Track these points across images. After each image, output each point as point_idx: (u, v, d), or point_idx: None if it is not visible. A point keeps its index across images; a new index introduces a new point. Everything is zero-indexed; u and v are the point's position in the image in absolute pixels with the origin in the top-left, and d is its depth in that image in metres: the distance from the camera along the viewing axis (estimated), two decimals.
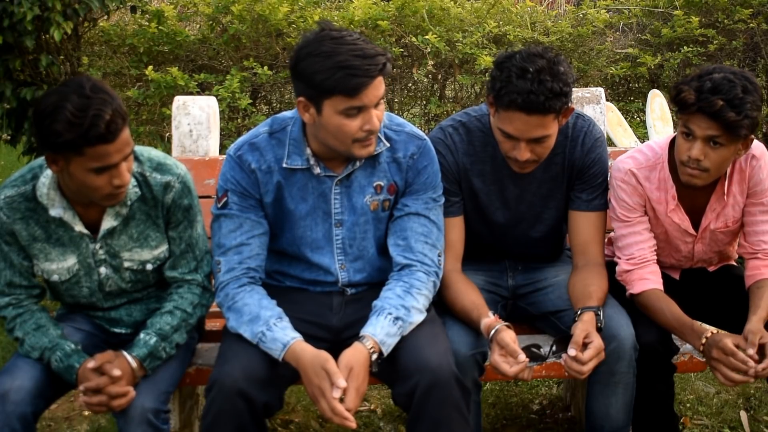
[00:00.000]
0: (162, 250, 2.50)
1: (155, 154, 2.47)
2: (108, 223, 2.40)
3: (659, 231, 2.71)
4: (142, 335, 2.42)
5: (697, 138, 2.43)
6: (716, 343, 2.43)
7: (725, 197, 2.63)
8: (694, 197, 2.65)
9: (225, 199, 2.47)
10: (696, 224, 2.70)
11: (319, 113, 2.32)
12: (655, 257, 2.68)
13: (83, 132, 2.13)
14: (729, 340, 2.43)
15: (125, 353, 2.37)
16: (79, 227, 2.39)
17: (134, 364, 2.36)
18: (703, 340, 2.46)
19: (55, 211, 2.36)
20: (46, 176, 2.35)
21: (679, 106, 2.44)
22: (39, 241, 2.40)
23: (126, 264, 2.47)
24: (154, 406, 2.33)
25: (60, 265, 2.43)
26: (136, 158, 2.42)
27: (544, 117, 2.41)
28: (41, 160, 2.36)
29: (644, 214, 2.67)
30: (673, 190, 2.62)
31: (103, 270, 2.47)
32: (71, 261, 2.44)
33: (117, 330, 2.58)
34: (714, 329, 2.57)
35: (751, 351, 2.42)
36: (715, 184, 2.62)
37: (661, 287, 2.63)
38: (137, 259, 2.48)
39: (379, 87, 2.31)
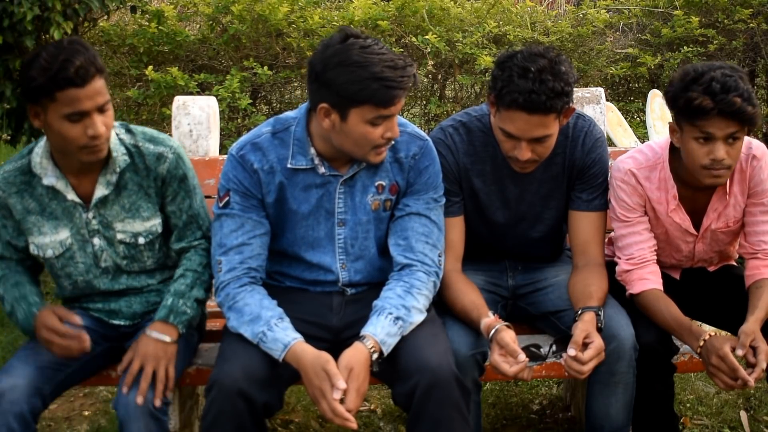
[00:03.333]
0: (154, 223, 2.54)
1: (147, 129, 2.56)
2: (100, 191, 2.46)
3: (660, 231, 2.71)
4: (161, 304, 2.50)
5: (718, 139, 2.41)
6: (716, 350, 2.43)
7: (727, 197, 2.63)
8: (695, 197, 2.65)
9: (227, 198, 2.47)
10: (697, 224, 2.70)
11: (344, 120, 2.32)
12: (655, 257, 2.68)
13: (52, 75, 2.23)
14: (728, 348, 2.42)
15: (146, 330, 2.43)
16: (71, 195, 2.45)
17: (151, 331, 2.41)
18: (701, 342, 2.46)
19: (48, 180, 2.43)
20: (40, 146, 2.44)
21: (695, 113, 2.40)
22: (33, 214, 2.46)
23: (119, 236, 2.51)
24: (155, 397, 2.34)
25: (53, 239, 2.48)
26: (129, 131, 2.51)
27: (546, 116, 2.41)
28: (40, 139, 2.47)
29: (644, 214, 2.67)
30: (674, 190, 2.62)
31: (96, 241, 2.50)
32: (64, 234, 2.48)
33: (116, 322, 2.59)
34: (713, 331, 2.57)
35: (741, 352, 2.42)
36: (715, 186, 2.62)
37: (661, 287, 2.63)
38: (129, 231, 2.52)
39: (404, 97, 2.34)
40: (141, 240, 2.53)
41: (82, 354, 2.38)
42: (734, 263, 2.92)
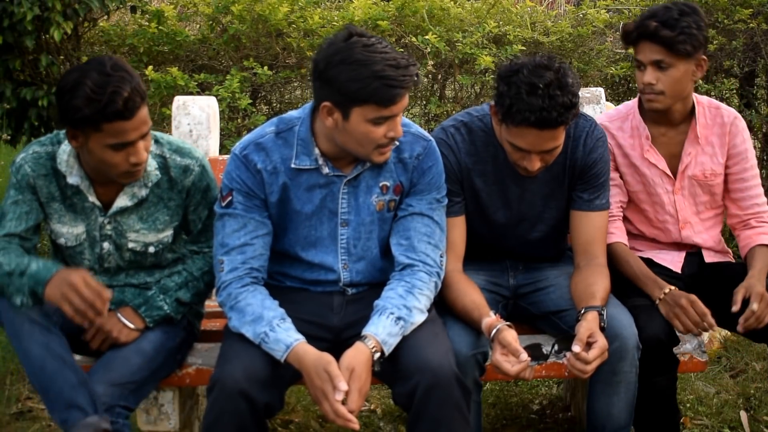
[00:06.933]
0: (167, 234, 2.56)
1: (172, 138, 2.56)
2: (122, 201, 2.47)
3: (637, 181, 2.83)
4: None
5: (646, 65, 2.68)
6: (686, 295, 2.57)
7: (698, 140, 2.77)
8: (669, 141, 2.80)
9: (230, 198, 2.47)
10: (674, 172, 2.83)
11: (346, 119, 2.32)
12: (622, 214, 2.84)
13: (101, 108, 2.21)
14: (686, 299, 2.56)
15: (117, 310, 2.46)
16: (92, 198, 2.46)
17: (121, 315, 2.44)
18: (662, 295, 2.60)
19: (72, 179, 2.43)
20: (68, 144, 2.42)
21: (625, 40, 2.75)
22: (56, 201, 2.47)
23: (130, 245, 2.53)
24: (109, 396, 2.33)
25: (70, 230, 2.49)
26: (156, 141, 2.50)
27: (556, 130, 2.42)
28: None
29: (615, 170, 2.81)
30: (646, 131, 2.79)
31: (105, 245, 2.52)
32: (81, 228, 2.50)
33: None
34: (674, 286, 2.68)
35: (737, 307, 2.57)
36: (687, 129, 2.78)
37: (626, 242, 2.79)
38: (142, 241, 2.54)
39: (406, 97, 2.33)
40: (151, 249, 2.56)
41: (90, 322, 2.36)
42: (732, 260, 2.94)
